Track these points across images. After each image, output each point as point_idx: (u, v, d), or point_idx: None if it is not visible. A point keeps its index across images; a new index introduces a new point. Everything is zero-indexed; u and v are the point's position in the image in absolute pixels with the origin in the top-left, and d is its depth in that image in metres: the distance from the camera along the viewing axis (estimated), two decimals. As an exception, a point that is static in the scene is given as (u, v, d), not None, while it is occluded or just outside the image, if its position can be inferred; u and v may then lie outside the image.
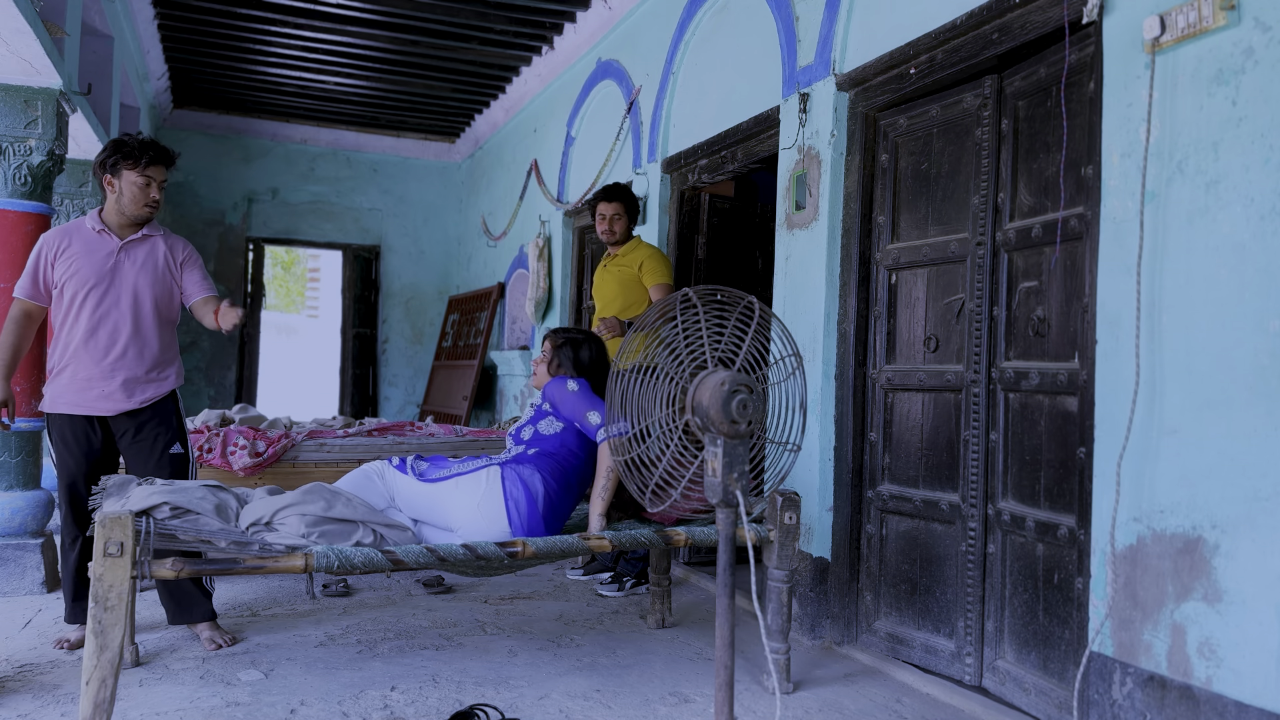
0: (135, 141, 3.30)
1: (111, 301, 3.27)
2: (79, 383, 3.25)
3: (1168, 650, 2.25)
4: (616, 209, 4.51)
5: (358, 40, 6.70)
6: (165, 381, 3.36)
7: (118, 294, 3.28)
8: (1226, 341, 2.16)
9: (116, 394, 3.25)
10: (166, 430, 3.34)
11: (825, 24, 3.68)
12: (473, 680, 3.02)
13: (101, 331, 3.25)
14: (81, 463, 3.27)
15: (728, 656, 2.33)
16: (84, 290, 3.25)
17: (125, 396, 3.27)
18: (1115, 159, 2.46)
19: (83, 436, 3.27)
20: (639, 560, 4.28)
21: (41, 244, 3.30)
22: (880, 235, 3.51)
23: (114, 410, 3.26)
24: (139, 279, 3.30)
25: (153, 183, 3.29)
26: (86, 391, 3.25)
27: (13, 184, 4.08)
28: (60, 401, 3.26)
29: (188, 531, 2.54)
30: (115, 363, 3.26)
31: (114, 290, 3.27)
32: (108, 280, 3.27)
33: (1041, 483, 2.82)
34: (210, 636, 3.32)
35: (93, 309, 3.25)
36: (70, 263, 3.26)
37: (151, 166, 3.28)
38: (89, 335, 3.25)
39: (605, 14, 5.86)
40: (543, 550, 2.73)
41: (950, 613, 3.13)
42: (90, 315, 3.25)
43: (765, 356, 2.59)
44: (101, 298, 3.26)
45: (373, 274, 9.87)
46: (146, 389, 3.30)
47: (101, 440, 3.30)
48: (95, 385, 3.25)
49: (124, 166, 3.26)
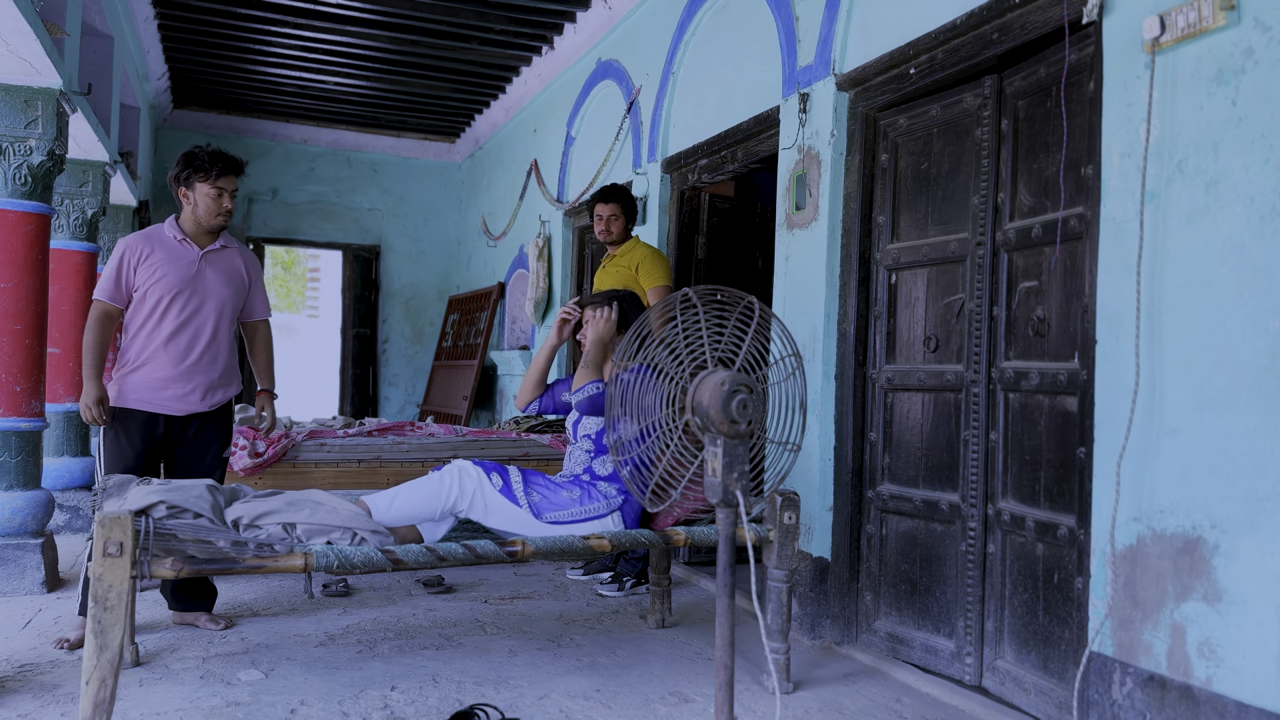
0: (205, 154, 3.43)
1: (194, 307, 3.43)
2: (155, 382, 3.38)
3: (1167, 650, 2.25)
4: (614, 209, 4.52)
5: (358, 40, 6.70)
6: (231, 387, 3.56)
7: (201, 300, 3.44)
8: (1226, 341, 2.16)
9: (191, 396, 3.42)
10: (223, 434, 3.55)
11: (825, 24, 3.68)
12: (473, 680, 3.02)
13: (183, 335, 3.41)
14: (132, 457, 3.38)
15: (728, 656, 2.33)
16: (169, 295, 3.39)
17: (199, 399, 3.44)
18: (1115, 159, 2.46)
19: (146, 433, 3.39)
20: (639, 560, 4.28)
21: (125, 249, 3.41)
22: (880, 235, 3.51)
23: (187, 411, 3.43)
24: (222, 288, 3.49)
25: (224, 193, 3.44)
26: (161, 391, 3.39)
27: (13, 184, 4.08)
28: (132, 397, 3.38)
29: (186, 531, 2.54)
30: (193, 366, 3.42)
31: (197, 297, 3.43)
32: (191, 287, 3.42)
33: (1041, 482, 2.82)
34: (210, 619, 3.54)
35: (177, 313, 3.40)
36: (155, 268, 3.38)
37: (223, 178, 3.43)
38: (170, 338, 3.39)
39: (605, 14, 5.86)
40: (542, 550, 2.73)
41: (950, 612, 3.13)
42: (174, 319, 3.40)
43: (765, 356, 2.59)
44: (185, 303, 3.41)
45: (373, 274, 9.87)
46: (217, 393, 3.49)
47: (161, 439, 3.43)
48: (171, 386, 3.39)
49: (196, 179, 3.41)
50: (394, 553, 2.59)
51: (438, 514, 2.95)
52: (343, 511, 2.73)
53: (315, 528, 2.64)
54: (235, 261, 3.55)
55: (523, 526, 2.98)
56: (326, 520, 2.67)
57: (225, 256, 3.53)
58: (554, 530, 2.98)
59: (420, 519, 2.94)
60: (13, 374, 4.05)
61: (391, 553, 2.58)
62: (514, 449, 5.00)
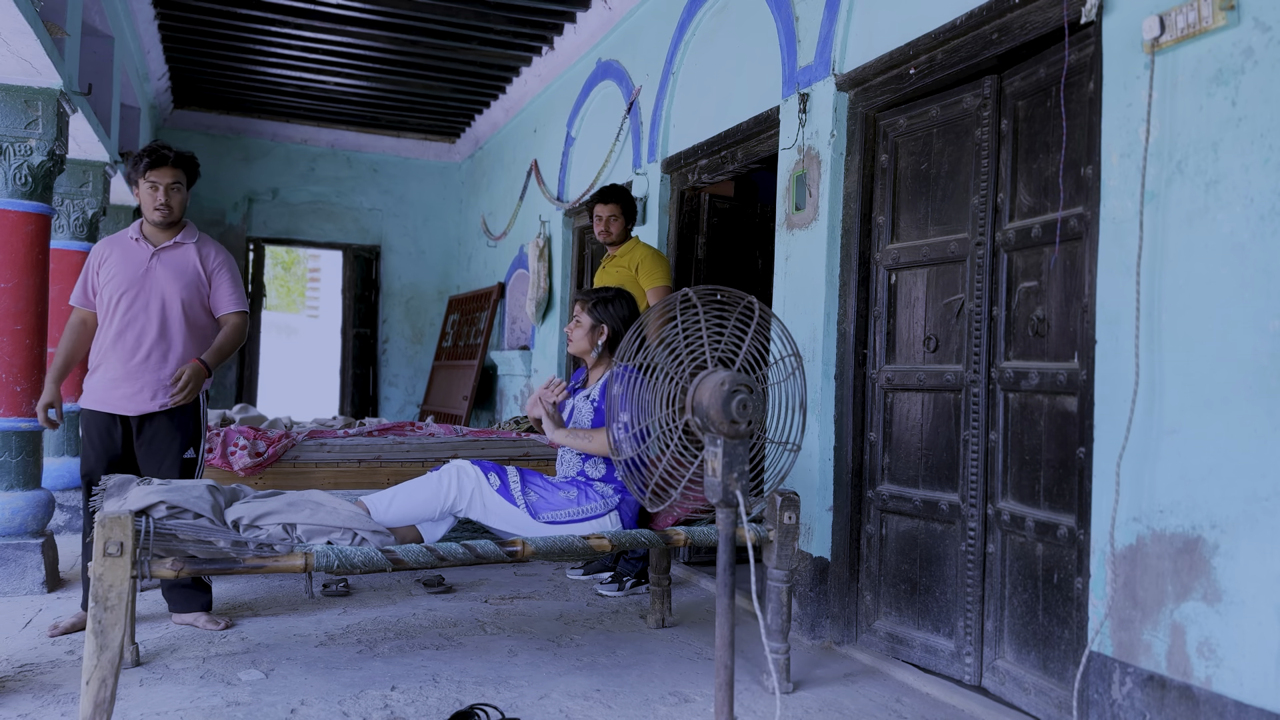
0: (141, 150, 3.44)
1: (140, 306, 3.41)
2: (107, 382, 3.41)
3: (1167, 650, 2.25)
4: (613, 210, 4.52)
5: (358, 40, 6.70)
6: None
7: (146, 299, 3.42)
8: (1226, 341, 2.16)
9: (140, 395, 3.40)
10: (182, 435, 3.47)
11: (825, 24, 3.68)
12: (473, 680, 3.02)
13: (129, 334, 3.41)
14: (101, 458, 3.42)
15: (728, 656, 2.33)
16: (117, 295, 3.41)
17: (149, 399, 3.41)
18: (1115, 159, 2.46)
19: (105, 433, 3.43)
20: (639, 560, 4.28)
21: (91, 254, 3.51)
22: (880, 235, 3.51)
23: (136, 411, 3.41)
24: (169, 285, 3.44)
25: (159, 186, 3.40)
26: (113, 391, 3.40)
27: (13, 184, 4.08)
28: (91, 398, 3.43)
29: (186, 531, 2.54)
30: (140, 365, 3.41)
31: (143, 295, 3.42)
32: (138, 286, 3.42)
33: (1041, 482, 2.82)
34: (209, 619, 3.52)
35: (123, 313, 3.41)
36: (111, 270, 3.43)
37: (152, 170, 3.39)
38: (118, 337, 3.41)
39: (605, 14, 5.86)
40: (542, 550, 2.74)
41: (950, 612, 3.13)
42: (120, 319, 3.42)
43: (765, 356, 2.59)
44: (131, 302, 3.41)
45: (373, 274, 9.87)
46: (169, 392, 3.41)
47: (121, 438, 3.44)
48: (121, 386, 3.40)
49: (135, 176, 3.42)
50: (394, 553, 2.59)
51: (437, 513, 2.95)
52: (343, 512, 2.73)
53: (315, 528, 2.64)
54: (190, 257, 3.48)
55: (520, 527, 2.99)
56: (327, 521, 2.67)
57: (180, 253, 3.48)
58: (551, 530, 2.98)
59: (419, 519, 2.94)
60: (13, 374, 4.05)
61: (391, 553, 2.58)
62: (514, 449, 5.00)
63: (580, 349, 3.34)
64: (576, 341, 3.33)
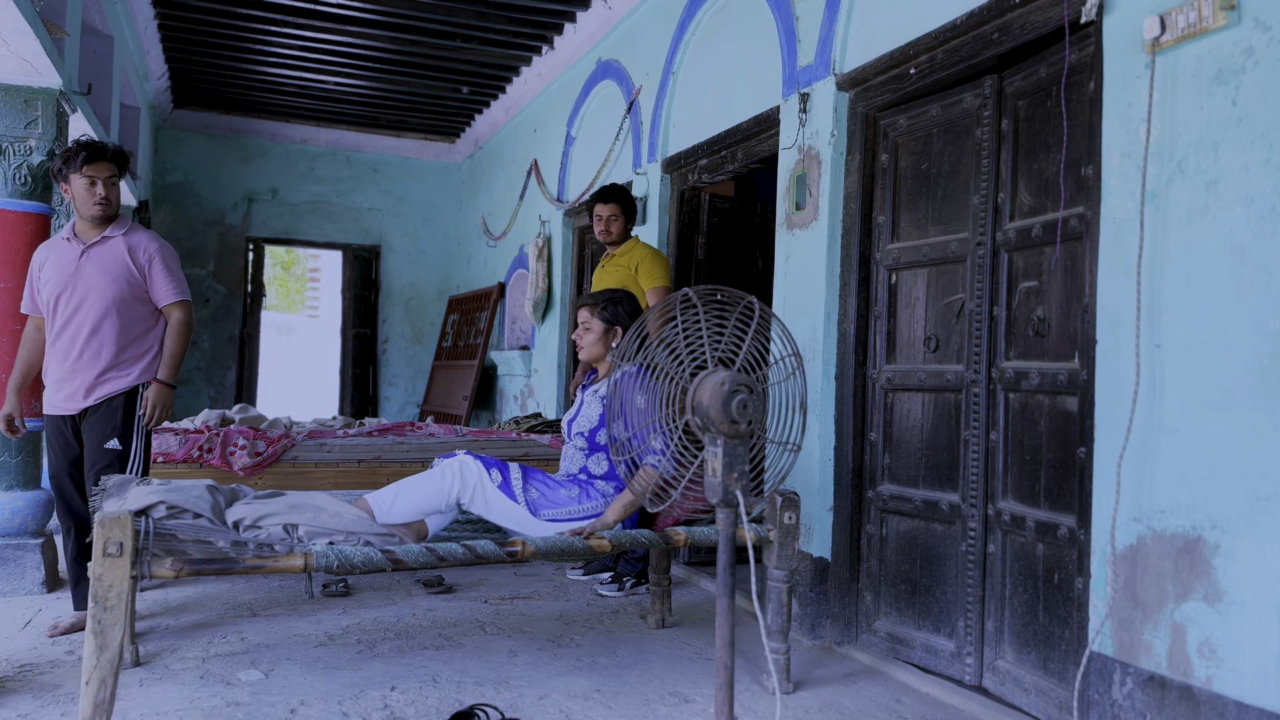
0: (74, 144, 3.38)
1: (73, 306, 3.38)
2: (52, 385, 3.44)
3: (1168, 650, 2.25)
4: (613, 209, 4.52)
5: (358, 40, 6.70)
6: (126, 378, 3.42)
7: (79, 299, 3.38)
8: (1226, 341, 2.16)
9: (77, 394, 3.40)
10: (109, 425, 3.40)
11: (825, 24, 3.68)
12: (473, 680, 3.02)
13: (65, 335, 3.40)
14: (62, 459, 3.46)
15: (728, 656, 2.33)
16: (54, 297, 3.39)
17: (84, 397, 3.40)
18: (1115, 159, 2.46)
19: (60, 435, 3.46)
20: (639, 560, 4.28)
21: (32, 259, 3.51)
22: (880, 235, 3.50)
23: (76, 409, 3.42)
24: (97, 282, 3.37)
25: (97, 180, 3.33)
26: (57, 393, 3.43)
27: (13, 184, 4.08)
28: (46, 403, 3.49)
29: (186, 531, 2.54)
30: (75, 364, 3.39)
31: (74, 295, 3.38)
32: (69, 286, 3.38)
33: (1041, 483, 2.82)
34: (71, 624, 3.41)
35: (60, 315, 3.40)
36: (47, 273, 3.42)
37: (90, 164, 3.32)
38: (56, 339, 3.42)
39: (605, 14, 5.86)
40: (542, 550, 2.73)
41: (950, 613, 3.13)
42: (59, 321, 3.40)
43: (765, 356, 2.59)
44: (66, 303, 3.38)
45: (373, 274, 9.87)
46: (104, 387, 3.39)
47: (73, 437, 3.46)
48: (63, 387, 3.41)
49: (69, 170, 3.35)
50: (394, 553, 2.59)
51: (442, 506, 2.96)
52: (345, 516, 2.73)
53: (317, 530, 2.64)
54: (119, 250, 3.39)
55: (520, 523, 2.99)
56: (329, 524, 2.67)
57: (108, 248, 3.39)
58: (551, 528, 2.98)
59: (424, 514, 2.94)
60: (13, 374, 4.05)
61: (391, 553, 2.58)
62: (514, 449, 5.00)
63: (594, 355, 3.31)
64: (589, 348, 3.29)
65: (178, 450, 4.39)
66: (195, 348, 9.02)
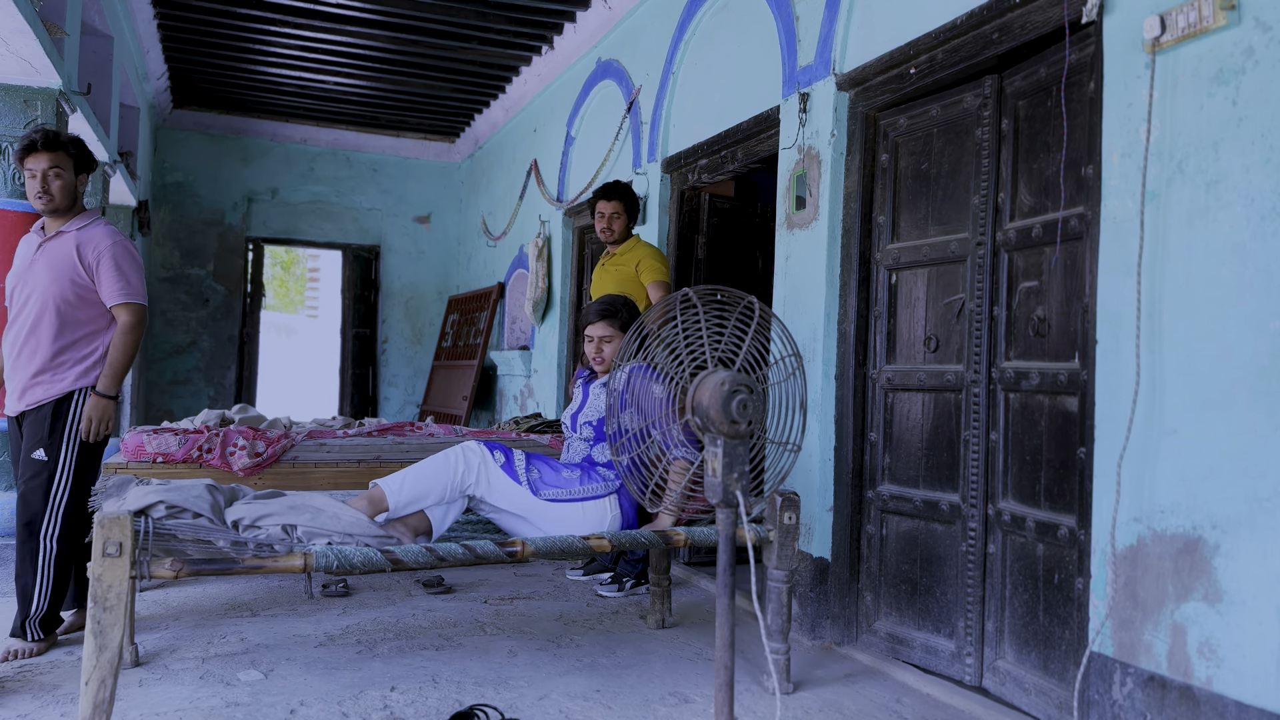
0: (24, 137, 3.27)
1: (21, 302, 3.24)
2: (4, 383, 3.32)
3: (1168, 650, 2.25)
4: (616, 207, 4.52)
5: (358, 40, 6.70)
6: (58, 383, 3.18)
7: (26, 294, 3.22)
8: (1226, 341, 2.15)
9: (14, 395, 3.25)
10: (36, 434, 3.18)
11: (825, 24, 3.68)
12: (473, 680, 3.02)
13: (11, 332, 3.26)
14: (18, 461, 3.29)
15: (728, 657, 2.32)
16: (10, 291, 3.27)
17: (18, 398, 3.23)
18: (1115, 159, 2.46)
19: (15, 436, 3.31)
20: (639, 560, 4.28)
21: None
22: (880, 235, 3.50)
23: (14, 410, 3.24)
24: (42, 278, 3.19)
25: (36, 174, 3.16)
26: (8, 393, 3.29)
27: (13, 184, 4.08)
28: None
29: (185, 531, 2.54)
30: (15, 364, 3.24)
31: (24, 290, 3.23)
32: (22, 281, 3.24)
33: (1042, 483, 2.82)
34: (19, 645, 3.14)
35: (11, 310, 3.26)
36: (13, 266, 3.31)
37: (29, 156, 3.18)
38: (5, 335, 3.29)
39: (605, 14, 5.86)
40: (542, 550, 2.73)
41: (950, 613, 3.13)
42: (10, 316, 3.27)
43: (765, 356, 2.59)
44: (16, 299, 3.25)
45: (372, 274, 9.87)
46: (35, 391, 3.19)
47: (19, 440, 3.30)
48: (8, 385, 3.28)
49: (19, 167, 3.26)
50: (393, 553, 2.59)
51: (449, 491, 2.96)
52: (344, 518, 2.73)
53: (315, 530, 2.65)
54: (67, 246, 3.20)
55: (522, 505, 3.02)
56: (327, 525, 2.67)
57: (59, 244, 3.21)
58: (552, 508, 3.02)
59: (432, 498, 2.94)
60: (12, 374, 4.03)
61: (391, 553, 2.58)
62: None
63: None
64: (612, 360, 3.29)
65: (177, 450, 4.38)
66: (194, 348, 9.02)
